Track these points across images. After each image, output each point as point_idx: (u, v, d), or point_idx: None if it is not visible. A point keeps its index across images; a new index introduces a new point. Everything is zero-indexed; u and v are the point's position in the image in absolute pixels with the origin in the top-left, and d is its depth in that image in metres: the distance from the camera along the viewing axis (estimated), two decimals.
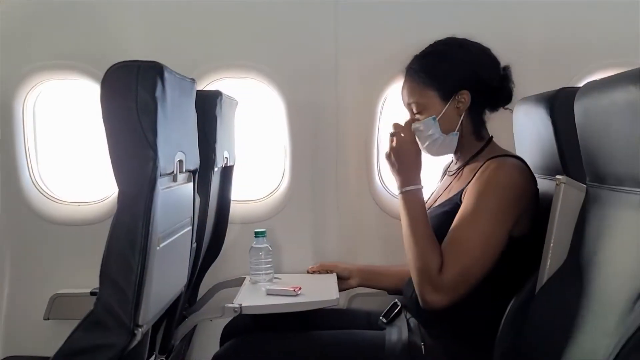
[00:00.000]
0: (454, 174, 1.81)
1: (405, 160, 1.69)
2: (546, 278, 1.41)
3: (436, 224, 1.66)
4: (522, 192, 1.57)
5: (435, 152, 1.77)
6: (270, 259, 2.02)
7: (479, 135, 1.76)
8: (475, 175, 1.63)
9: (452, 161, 1.90)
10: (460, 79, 1.71)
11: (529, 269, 1.52)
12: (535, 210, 1.60)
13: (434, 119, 1.71)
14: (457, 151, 1.80)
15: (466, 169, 1.75)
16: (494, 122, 1.82)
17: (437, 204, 1.78)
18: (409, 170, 1.69)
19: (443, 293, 1.52)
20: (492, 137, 1.79)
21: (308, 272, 2.15)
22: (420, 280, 1.56)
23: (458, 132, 1.73)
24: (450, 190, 1.75)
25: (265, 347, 1.72)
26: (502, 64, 1.77)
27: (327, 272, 2.10)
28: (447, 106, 1.71)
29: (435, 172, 2.08)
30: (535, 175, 1.70)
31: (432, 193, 1.94)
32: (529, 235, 1.59)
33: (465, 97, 1.70)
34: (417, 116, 1.75)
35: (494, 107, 1.79)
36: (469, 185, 1.62)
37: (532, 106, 1.69)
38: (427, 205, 1.84)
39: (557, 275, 1.38)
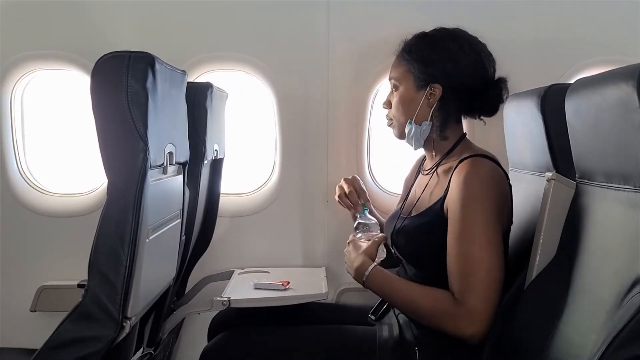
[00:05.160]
0: (427, 172, 1.79)
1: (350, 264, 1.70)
2: (535, 274, 1.41)
3: (417, 235, 1.65)
4: (499, 192, 1.56)
5: (415, 144, 1.75)
6: (377, 234, 1.79)
7: (443, 135, 1.73)
8: (450, 178, 1.60)
9: (425, 159, 1.88)
10: (438, 71, 1.66)
11: (516, 264, 1.53)
12: (511, 203, 1.60)
13: (410, 122, 1.70)
14: (430, 147, 1.77)
15: (440, 168, 1.72)
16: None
17: (415, 211, 1.73)
18: (355, 265, 1.67)
19: (476, 321, 1.44)
20: (464, 134, 1.76)
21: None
22: (447, 326, 1.49)
23: (430, 123, 1.69)
24: (431, 193, 1.71)
25: (255, 342, 1.72)
26: (498, 68, 1.71)
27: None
28: (419, 94, 1.68)
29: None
30: (525, 171, 1.70)
31: (408, 190, 1.92)
32: (509, 229, 1.60)
33: (436, 91, 1.66)
34: (394, 93, 1.74)
35: (469, 112, 1.74)
36: (449, 198, 1.58)
37: (523, 102, 1.69)
38: (405, 210, 1.82)
39: (546, 271, 1.39)
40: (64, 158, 2.69)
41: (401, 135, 1.77)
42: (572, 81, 1.33)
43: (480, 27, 1.73)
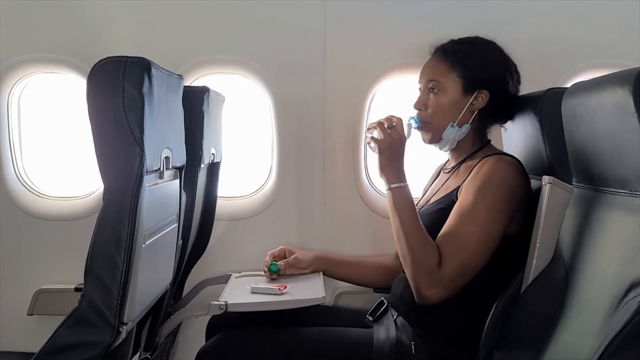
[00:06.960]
0: (449, 171, 1.81)
1: (394, 157, 1.66)
2: (532, 278, 1.42)
3: (432, 220, 1.65)
4: (516, 190, 1.58)
5: (448, 146, 1.77)
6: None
7: (482, 138, 1.78)
8: (471, 172, 1.63)
9: (447, 160, 1.90)
10: (489, 77, 1.70)
11: (515, 269, 1.53)
12: (528, 210, 1.60)
13: (453, 125, 1.71)
14: (456, 149, 1.79)
15: (462, 166, 1.75)
16: None
17: (433, 200, 1.77)
18: (398, 168, 1.66)
19: (441, 287, 1.51)
20: (490, 140, 1.81)
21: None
22: (418, 275, 1.54)
23: (470, 126, 1.72)
24: (448, 187, 1.74)
25: (252, 343, 1.71)
26: None
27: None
28: (465, 98, 1.70)
29: (422, 167, 2.11)
30: None
31: (426, 191, 1.94)
32: (519, 235, 1.58)
33: (483, 96, 1.70)
34: (431, 95, 1.74)
35: (497, 119, 1.79)
36: (465, 182, 1.62)
37: (520, 106, 1.69)
38: (421, 203, 1.84)
39: (543, 275, 1.39)
40: (61, 161, 2.68)
41: (435, 139, 1.77)
42: (568, 85, 1.34)
43: (477, 30, 1.73)
